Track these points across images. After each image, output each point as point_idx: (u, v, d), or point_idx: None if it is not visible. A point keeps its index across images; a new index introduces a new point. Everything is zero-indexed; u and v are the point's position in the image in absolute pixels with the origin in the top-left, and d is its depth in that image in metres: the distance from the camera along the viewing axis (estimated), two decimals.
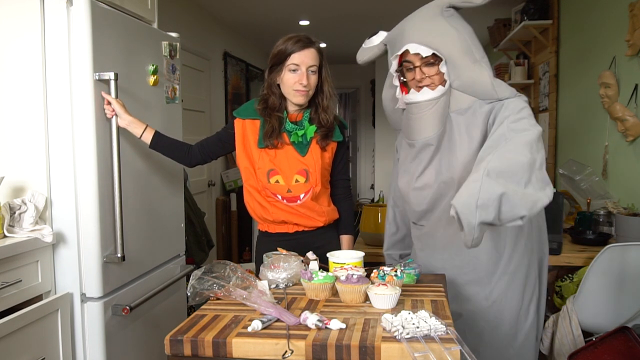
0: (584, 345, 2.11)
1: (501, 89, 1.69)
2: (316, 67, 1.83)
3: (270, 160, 1.85)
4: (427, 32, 1.69)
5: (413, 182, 1.80)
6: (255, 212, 1.92)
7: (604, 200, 2.99)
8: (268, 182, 1.85)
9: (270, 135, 1.84)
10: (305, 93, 1.83)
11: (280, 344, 1.18)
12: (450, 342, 1.15)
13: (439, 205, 1.76)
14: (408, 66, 1.73)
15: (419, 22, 1.73)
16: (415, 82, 1.72)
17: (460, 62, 1.68)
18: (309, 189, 1.86)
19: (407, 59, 1.72)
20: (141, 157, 2.08)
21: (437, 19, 1.71)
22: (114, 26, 1.91)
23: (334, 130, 1.92)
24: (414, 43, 1.68)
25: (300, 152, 1.86)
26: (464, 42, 1.69)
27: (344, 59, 7.52)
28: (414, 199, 1.80)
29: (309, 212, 1.88)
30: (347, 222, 2.02)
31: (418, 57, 1.69)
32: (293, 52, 1.80)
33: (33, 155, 1.81)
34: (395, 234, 2.05)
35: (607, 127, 3.16)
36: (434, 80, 1.70)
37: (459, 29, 1.70)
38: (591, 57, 3.42)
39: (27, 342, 1.61)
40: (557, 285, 2.45)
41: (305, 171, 1.85)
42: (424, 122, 1.72)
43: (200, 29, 4.86)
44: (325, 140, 1.89)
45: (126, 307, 1.89)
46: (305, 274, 1.47)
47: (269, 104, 1.87)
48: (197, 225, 3.56)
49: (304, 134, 1.86)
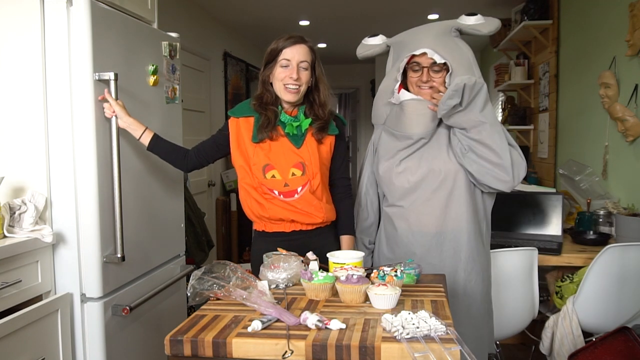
0: (584, 346, 2.11)
1: None
2: (307, 63, 1.85)
3: (265, 155, 1.84)
4: (441, 43, 1.87)
5: (399, 166, 1.91)
6: (251, 210, 1.92)
7: (604, 200, 2.99)
8: (264, 178, 1.84)
9: (266, 126, 1.84)
10: (297, 91, 1.84)
11: (280, 344, 1.18)
12: (450, 342, 1.15)
13: (419, 187, 1.88)
14: (415, 67, 1.87)
15: (433, 35, 1.90)
16: (418, 81, 1.87)
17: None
18: (306, 182, 1.85)
19: (416, 61, 1.87)
20: (141, 158, 2.08)
21: (448, 36, 1.91)
22: (114, 26, 1.91)
23: (330, 124, 1.91)
24: (430, 49, 1.84)
25: (295, 144, 1.86)
26: (468, 61, 1.88)
27: (344, 59, 7.53)
28: (398, 181, 1.91)
29: (306, 208, 1.86)
30: (347, 222, 2.01)
31: (430, 61, 1.84)
32: (284, 48, 1.83)
33: (33, 155, 1.81)
34: (366, 219, 2.09)
35: (607, 127, 3.16)
36: (435, 84, 1.84)
37: (465, 49, 1.91)
38: (591, 57, 3.42)
39: (27, 342, 1.61)
40: (557, 285, 2.45)
41: (302, 164, 1.85)
42: (424, 119, 1.85)
43: (200, 29, 4.86)
44: (321, 133, 1.88)
45: (126, 307, 1.89)
46: (305, 274, 1.47)
47: (263, 100, 1.89)
48: (197, 225, 3.56)
49: (298, 126, 1.87)
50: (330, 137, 1.93)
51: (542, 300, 2.57)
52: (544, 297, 2.65)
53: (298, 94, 1.86)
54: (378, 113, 2.03)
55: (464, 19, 1.93)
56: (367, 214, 2.08)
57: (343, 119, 2.03)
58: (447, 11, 4.94)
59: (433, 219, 1.87)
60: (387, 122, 1.98)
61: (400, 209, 1.93)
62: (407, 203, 1.90)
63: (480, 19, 1.92)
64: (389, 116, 1.97)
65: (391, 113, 1.95)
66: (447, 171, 1.85)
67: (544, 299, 2.65)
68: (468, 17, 1.92)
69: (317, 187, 1.87)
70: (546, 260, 2.46)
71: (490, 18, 1.94)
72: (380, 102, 2.01)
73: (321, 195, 1.89)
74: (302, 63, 1.84)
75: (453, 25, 1.92)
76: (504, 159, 1.77)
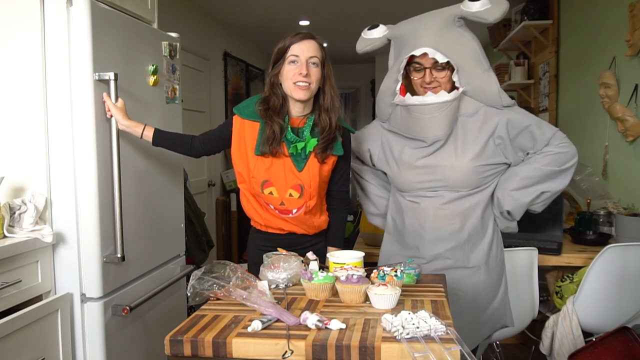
0: (584, 346, 2.11)
1: (504, 97, 1.85)
2: (317, 59, 1.74)
3: (266, 171, 1.78)
4: (443, 39, 1.76)
5: (411, 163, 1.88)
6: (249, 213, 1.92)
7: (604, 200, 2.99)
8: (262, 193, 1.81)
9: (270, 142, 1.75)
10: (307, 87, 1.73)
11: (280, 344, 1.18)
12: (450, 342, 1.15)
13: (425, 187, 1.87)
14: (417, 67, 1.80)
15: (434, 28, 1.78)
16: (422, 82, 1.80)
17: (472, 70, 1.80)
18: (302, 205, 1.81)
19: (417, 61, 1.79)
20: (141, 157, 2.08)
21: (450, 27, 1.79)
22: (114, 26, 1.91)
23: (336, 141, 1.81)
24: (431, 48, 1.74)
25: (297, 166, 1.78)
26: (475, 52, 1.80)
27: (344, 59, 7.53)
28: (409, 176, 1.89)
29: (301, 225, 1.86)
30: (337, 234, 1.96)
31: (431, 61, 1.76)
32: (292, 44, 1.73)
33: (33, 155, 1.81)
34: (383, 197, 2.07)
35: (607, 127, 3.16)
36: (440, 84, 1.78)
37: (470, 39, 1.81)
38: (591, 57, 3.42)
39: (27, 342, 1.60)
40: (557, 285, 2.45)
41: (300, 186, 1.79)
42: (436, 122, 1.79)
43: (200, 29, 4.86)
44: (325, 153, 1.79)
45: (126, 308, 1.89)
46: (305, 274, 1.47)
47: (270, 105, 1.78)
48: (197, 225, 3.56)
49: (303, 147, 1.78)
50: (334, 157, 1.84)
51: (542, 300, 2.57)
52: (544, 297, 2.65)
53: (309, 91, 1.75)
54: (381, 111, 1.98)
55: (467, 4, 1.79)
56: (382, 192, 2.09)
57: (350, 128, 1.91)
58: None
59: (447, 221, 1.85)
60: (391, 122, 1.93)
61: (414, 204, 1.90)
62: (422, 201, 1.88)
63: (486, 4, 1.77)
64: (392, 116, 1.91)
65: (396, 114, 1.89)
66: (463, 180, 1.81)
67: (544, 299, 2.65)
68: (472, 3, 1.78)
69: (312, 207, 1.84)
70: (546, 260, 2.46)
71: (497, 1, 1.78)
72: (382, 102, 1.96)
73: (316, 212, 1.88)
74: (311, 59, 1.73)
75: (456, 14, 1.80)
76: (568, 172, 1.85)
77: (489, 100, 1.84)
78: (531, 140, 1.82)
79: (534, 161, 1.84)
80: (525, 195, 1.85)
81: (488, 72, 1.83)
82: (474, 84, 1.81)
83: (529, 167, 1.84)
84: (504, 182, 1.87)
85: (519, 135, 1.81)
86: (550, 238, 2.69)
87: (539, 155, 1.83)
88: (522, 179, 1.84)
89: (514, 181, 1.85)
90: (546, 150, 1.82)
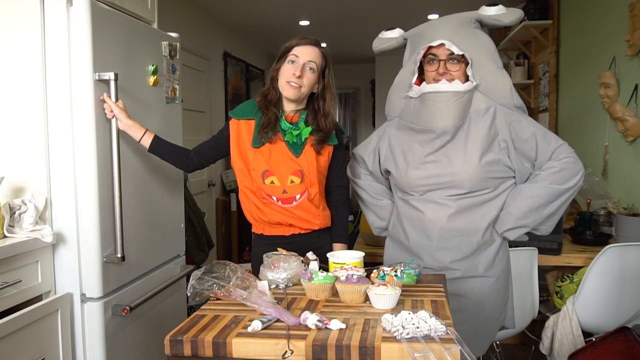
0: (584, 346, 2.11)
1: (517, 97, 1.87)
2: (315, 65, 1.82)
3: (265, 161, 1.84)
4: (460, 35, 1.83)
5: (418, 160, 1.86)
6: (250, 213, 1.92)
7: (604, 200, 2.99)
8: (263, 183, 1.84)
9: (266, 127, 1.83)
10: (297, 88, 1.81)
11: (280, 344, 1.18)
12: (450, 342, 1.15)
13: (431, 183, 1.84)
14: (432, 58, 1.83)
15: (451, 26, 1.87)
16: (435, 74, 1.82)
17: (486, 66, 1.84)
18: (304, 190, 1.84)
19: (433, 52, 1.83)
20: (141, 158, 2.08)
21: (467, 27, 1.88)
22: (114, 26, 1.91)
23: (331, 135, 1.90)
24: (448, 40, 1.80)
25: (295, 152, 1.85)
26: (489, 50, 1.86)
27: (344, 59, 7.53)
28: (415, 174, 1.87)
29: (304, 215, 1.86)
30: (341, 230, 1.99)
31: (447, 52, 1.80)
32: (296, 45, 1.83)
33: (33, 155, 1.81)
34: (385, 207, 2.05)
35: (607, 127, 3.16)
36: (453, 77, 1.80)
37: (485, 39, 1.88)
38: (591, 57, 3.42)
39: (27, 342, 1.61)
40: (557, 285, 2.45)
41: (300, 172, 1.84)
42: (447, 111, 1.79)
43: (200, 29, 4.86)
44: (321, 145, 1.87)
45: (126, 307, 1.89)
46: (305, 274, 1.47)
47: (267, 98, 1.88)
48: (197, 225, 3.56)
49: (298, 134, 1.85)
50: (329, 147, 1.92)
51: (542, 300, 2.58)
52: (544, 297, 2.65)
53: (298, 93, 1.83)
54: (392, 105, 1.99)
55: (484, 9, 1.88)
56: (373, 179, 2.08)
57: (342, 128, 2.01)
58: (447, 12, 4.89)
59: (454, 234, 1.83)
60: (403, 115, 1.93)
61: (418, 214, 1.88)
62: (423, 204, 1.86)
63: (502, 9, 1.87)
64: (404, 110, 1.93)
65: (408, 107, 1.91)
66: (470, 178, 1.79)
67: (544, 299, 2.65)
68: (489, 8, 1.87)
69: (314, 195, 1.87)
70: (546, 260, 2.46)
71: (512, 8, 1.89)
72: (395, 95, 1.97)
73: (318, 203, 1.90)
74: (309, 63, 1.81)
75: (473, 17, 1.88)
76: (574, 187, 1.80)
77: (501, 99, 1.84)
78: (534, 148, 1.80)
79: (539, 179, 1.80)
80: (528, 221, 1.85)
81: (501, 70, 1.86)
82: (487, 79, 1.83)
83: (535, 185, 1.80)
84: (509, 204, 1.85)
85: (522, 142, 1.80)
86: (550, 238, 2.68)
87: (544, 172, 1.80)
88: (529, 198, 1.80)
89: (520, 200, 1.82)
90: (549, 166, 1.80)
